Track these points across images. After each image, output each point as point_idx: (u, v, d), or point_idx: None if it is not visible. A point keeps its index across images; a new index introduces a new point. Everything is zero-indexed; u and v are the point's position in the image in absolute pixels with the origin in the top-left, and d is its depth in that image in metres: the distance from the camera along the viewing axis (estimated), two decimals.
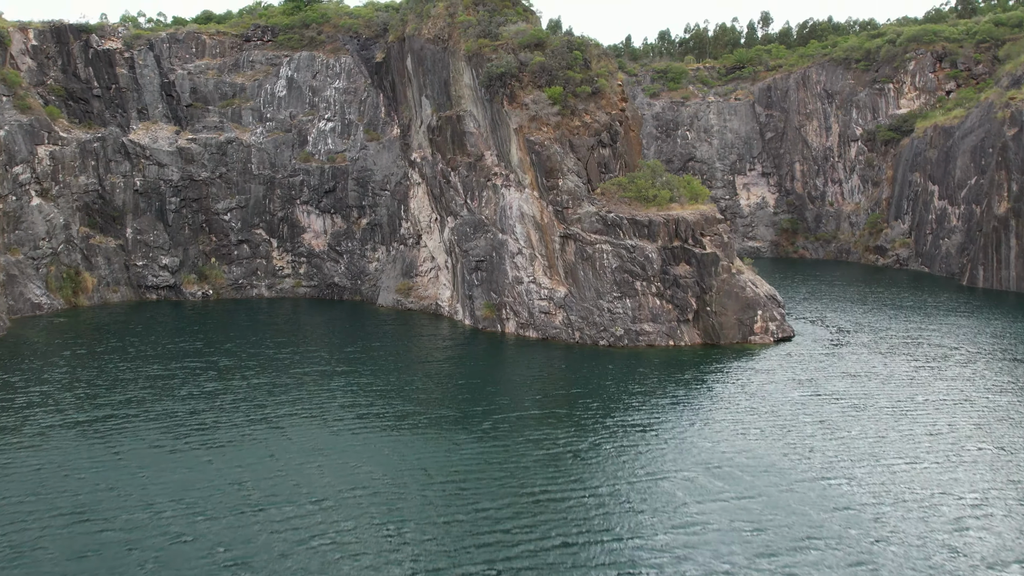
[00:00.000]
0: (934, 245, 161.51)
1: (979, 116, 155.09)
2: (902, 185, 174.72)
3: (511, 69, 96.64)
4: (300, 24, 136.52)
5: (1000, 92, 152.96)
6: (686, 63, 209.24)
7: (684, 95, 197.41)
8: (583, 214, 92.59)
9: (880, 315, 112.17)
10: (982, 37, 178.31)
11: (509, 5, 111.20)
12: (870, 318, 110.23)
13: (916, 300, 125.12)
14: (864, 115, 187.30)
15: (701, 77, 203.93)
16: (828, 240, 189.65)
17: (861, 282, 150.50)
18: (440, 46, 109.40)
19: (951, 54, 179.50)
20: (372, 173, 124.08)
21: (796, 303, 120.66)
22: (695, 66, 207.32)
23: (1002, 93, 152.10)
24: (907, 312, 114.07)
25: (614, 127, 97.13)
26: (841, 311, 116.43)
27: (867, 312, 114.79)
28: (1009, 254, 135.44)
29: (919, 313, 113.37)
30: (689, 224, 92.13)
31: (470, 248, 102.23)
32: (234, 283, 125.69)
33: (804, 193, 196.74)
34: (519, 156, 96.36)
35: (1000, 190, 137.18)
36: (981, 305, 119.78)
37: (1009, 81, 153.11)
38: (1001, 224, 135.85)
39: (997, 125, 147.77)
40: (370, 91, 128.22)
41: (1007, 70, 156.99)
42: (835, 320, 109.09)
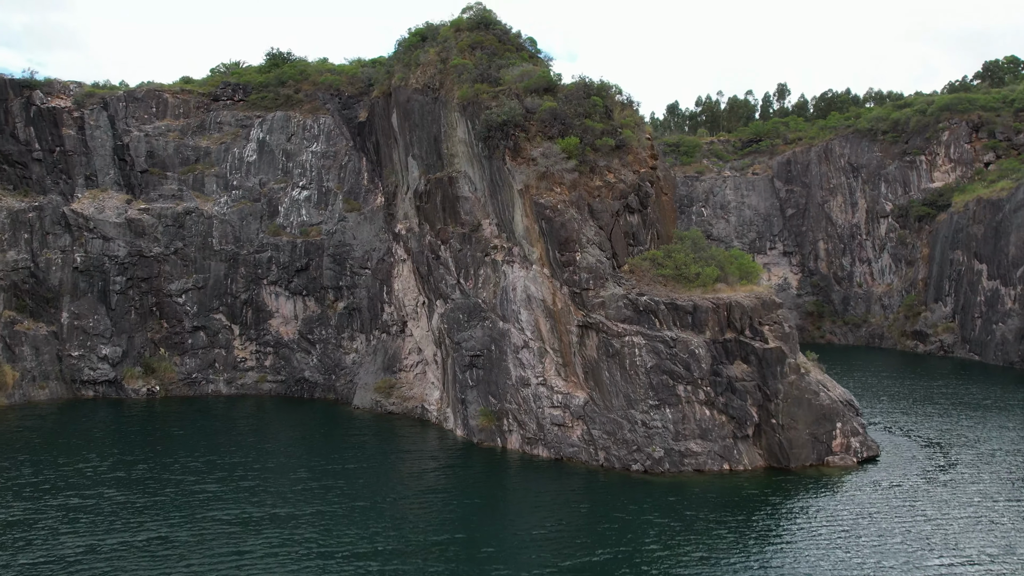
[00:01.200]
0: (985, 330, 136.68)
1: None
2: (941, 264, 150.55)
3: (515, 117, 73.20)
4: (275, 82, 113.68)
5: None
6: (699, 136, 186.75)
7: (698, 169, 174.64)
8: (608, 297, 68.21)
9: (965, 419, 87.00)
10: (1020, 105, 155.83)
11: (512, 49, 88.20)
12: (955, 423, 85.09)
13: (994, 398, 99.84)
14: (894, 189, 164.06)
15: (715, 151, 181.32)
16: (858, 324, 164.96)
17: (913, 374, 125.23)
18: (430, 96, 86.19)
19: (988, 123, 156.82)
20: (351, 248, 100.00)
21: None
22: (708, 139, 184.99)
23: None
24: (995, 415, 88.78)
25: (643, 189, 73.26)
26: (913, 413, 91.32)
27: (946, 415, 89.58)
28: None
29: (1010, 416, 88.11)
30: (745, 310, 67.61)
31: (463, 340, 77.56)
32: (187, 378, 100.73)
33: (829, 273, 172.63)
34: (525, 224, 72.40)
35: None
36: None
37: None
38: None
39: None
40: (352, 155, 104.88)
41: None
42: (914, 427, 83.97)
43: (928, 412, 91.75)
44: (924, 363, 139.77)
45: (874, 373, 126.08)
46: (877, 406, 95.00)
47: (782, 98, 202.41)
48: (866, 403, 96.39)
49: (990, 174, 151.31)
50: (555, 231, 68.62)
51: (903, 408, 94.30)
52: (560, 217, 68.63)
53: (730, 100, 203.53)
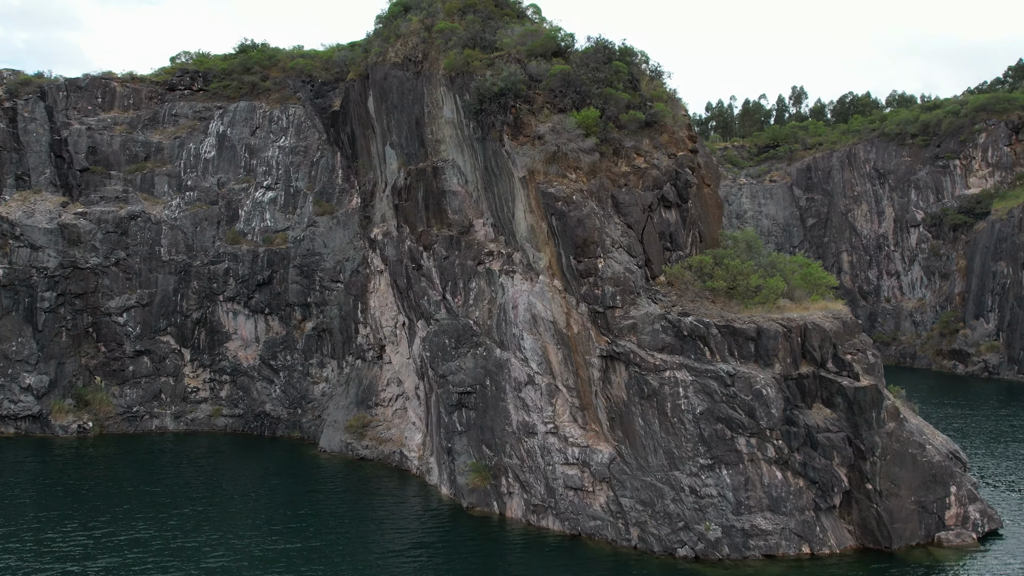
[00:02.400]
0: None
1: None
2: (982, 277, 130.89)
3: (516, 84, 53.79)
4: (240, 68, 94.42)
5: None
6: (712, 142, 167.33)
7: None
8: (640, 318, 48.59)
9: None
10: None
11: (511, 15, 68.92)
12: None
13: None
14: (925, 197, 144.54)
15: (730, 157, 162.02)
16: (887, 342, 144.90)
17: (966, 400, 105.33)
18: (411, 71, 66.87)
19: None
20: (321, 258, 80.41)
21: None
22: (722, 145, 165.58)
23: None
24: None
25: (682, 177, 53.74)
26: (1003, 456, 71.70)
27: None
28: None
29: None
30: (826, 335, 47.99)
31: (449, 372, 57.85)
32: (126, 412, 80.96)
33: (855, 287, 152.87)
34: (529, 222, 52.88)
35: None
36: None
37: None
38: None
39: None
40: (325, 150, 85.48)
41: None
42: (1018, 478, 64.43)
43: (1017, 454, 72.21)
44: (969, 386, 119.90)
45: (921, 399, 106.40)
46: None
47: (798, 102, 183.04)
48: None
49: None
50: (569, 230, 48.99)
51: (987, 448, 74.62)
52: (576, 211, 49.03)
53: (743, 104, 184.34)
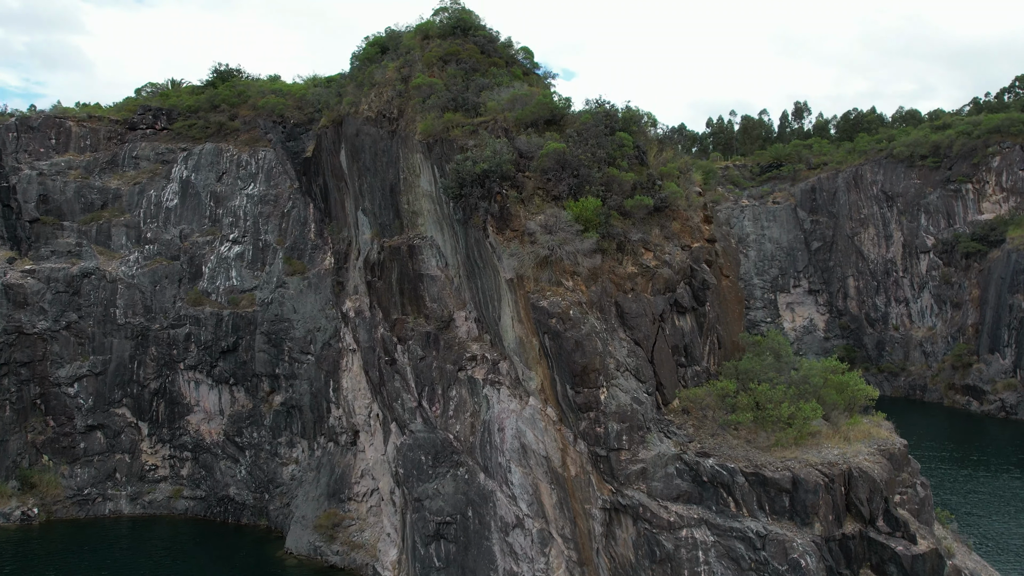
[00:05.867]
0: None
1: None
2: (997, 309, 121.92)
3: (502, 165, 44.45)
4: (207, 105, 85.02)
5: None
6: (712, 160, 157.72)
7: (713, 198, 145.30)
8: (651, 461, 39.41)
9: None
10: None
11: (499, 63, 59.46)
12: None
13: None
14: (936, 221, 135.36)
15: (731, 177, 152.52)
16: (895, 373, 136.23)
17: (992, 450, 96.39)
18: (385, 129, 57.51)
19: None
20: (291, 325, 71.15)
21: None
22: (723, 164, 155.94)
23: None
24: None
25: (698, 274, 44.53)
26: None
27: None
28: None
29: None
30: (875, 485, 38.77)
31: (426, 495, 48.64)
32: (77, 494, 71.89)
33: (861, 314, 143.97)
34: (518, 333, 43.63)
35: None
36: None
37: None
38: None
39: None
40: (296, 199, 76.20)
41: None
42: None
43: None
44: (987, 428, 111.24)
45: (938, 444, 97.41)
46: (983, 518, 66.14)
47: (800, 118, 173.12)
48: (972, 517, 67.75)
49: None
50: (566, 354, 39.76)
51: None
52: (574, 331, 39.76)
53: (743, 120, 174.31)
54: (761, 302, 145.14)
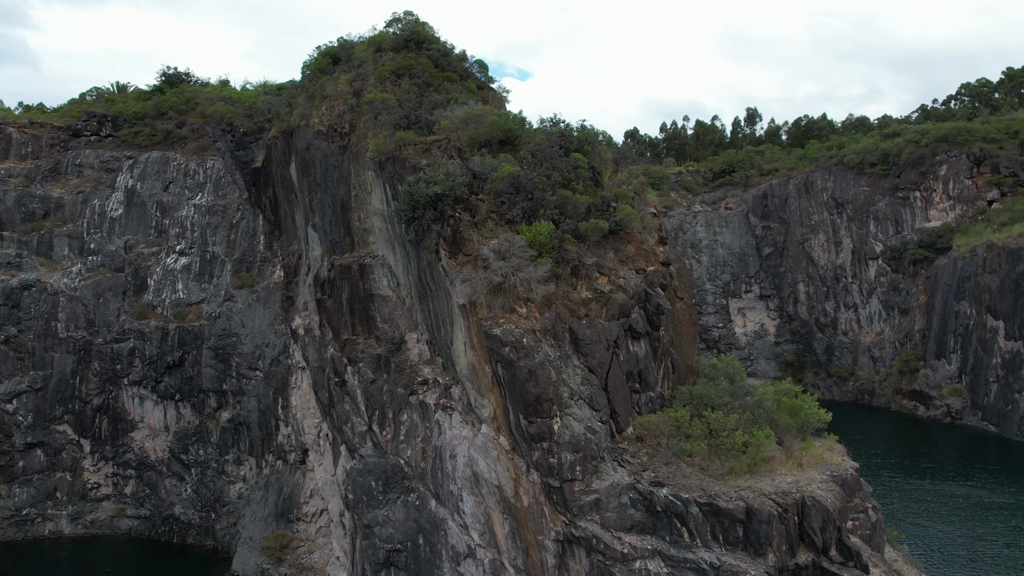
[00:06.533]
0: (1004, 398, 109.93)
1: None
2: (944, 315, 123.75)
3: (456, 187, 43.63)
4: (154, 112, 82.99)
5: None
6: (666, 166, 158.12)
7: (666, 203, 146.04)
8: (604, 491, 38.90)
9: None
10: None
11: (453, 77, 58.63)
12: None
13: None
14: (884, 228, 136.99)
15: (684, 182, 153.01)
16: (844, 377, 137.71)
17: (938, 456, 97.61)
18: (337, 144, 56.41)
19: (991, 156, 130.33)
20: (239, 340, 69.68)
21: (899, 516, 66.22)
22: (677, 169, 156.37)
23: None
24: None
25: (653, 298, 44.13)
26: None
27: None
28: None
29: None
30: (828, 515, 38.65)
31: (376, 522, 47.68)
32: (16, 515, 69.71)
33: (811, 319, 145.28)
34: (471, 359, 42.90)
35: None
36: None
37: None
38: None
39: None
40: (246, 210, 74.65)
41: None
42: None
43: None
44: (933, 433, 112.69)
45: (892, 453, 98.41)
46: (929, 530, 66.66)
47: (752, 124, 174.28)
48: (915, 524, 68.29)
49: (997, 214, 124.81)
50: (519, 384, 39.07)
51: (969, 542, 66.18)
52: (527, 360, 39.09)
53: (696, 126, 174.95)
54: (713, 307, 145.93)
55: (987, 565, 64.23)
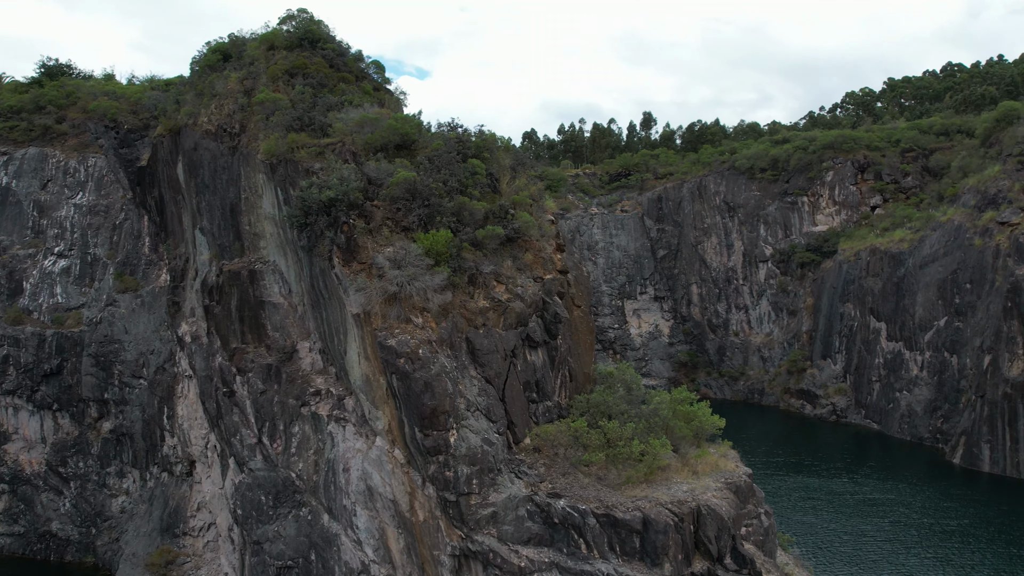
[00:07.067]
0: (885, 397, 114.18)
1: (943, 242, 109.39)
2: (830, 317, 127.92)
3: (350, 193, 42.34)
4: (31, 106, 78.78)
5: (970, 213, 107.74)
6: (563, 168, 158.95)
7: (564, 206, 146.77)
8: (501, 504, 38.27)
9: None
10: (907, 145, 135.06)
11: (349, 78, 57.20)
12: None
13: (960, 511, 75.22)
14: (774, 232, 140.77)
15: (581, 185, 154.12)
16: (735, 377, 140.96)
17: (824, 454, 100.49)
18: (226, 144, 54.36)
19: (874, 164, 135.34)
20: (122, 347, 66.62)
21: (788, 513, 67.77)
22: (574, 172, 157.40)
23: (974, 214, 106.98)
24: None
25: (551, 308, 43.76)
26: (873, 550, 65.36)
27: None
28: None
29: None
30: (723, 523, 38.89)
31: (266, 538, 46.05)
32: None
33: (703, 320, 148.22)
34: (365, 370, 41.70)
35: (1013, 346, 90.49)
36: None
37: (978, 199, 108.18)
38: (1017, 391, 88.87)
39: (976, 255, 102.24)
40: (130, 211, 71.49)
41: (971, 185, 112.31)
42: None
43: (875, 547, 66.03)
44: (819, 431, 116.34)
45: (781, 452, 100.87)
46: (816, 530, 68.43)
47: (648, 127, 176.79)
48: (802, 521, 69.99)
49: (880, 220, 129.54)
50: (414, 395, 38.09)
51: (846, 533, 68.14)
52: (423, 371, 38.14)
53: (593, 129, 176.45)
54: (609, 309, 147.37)
55: (869, 561, 66.14)
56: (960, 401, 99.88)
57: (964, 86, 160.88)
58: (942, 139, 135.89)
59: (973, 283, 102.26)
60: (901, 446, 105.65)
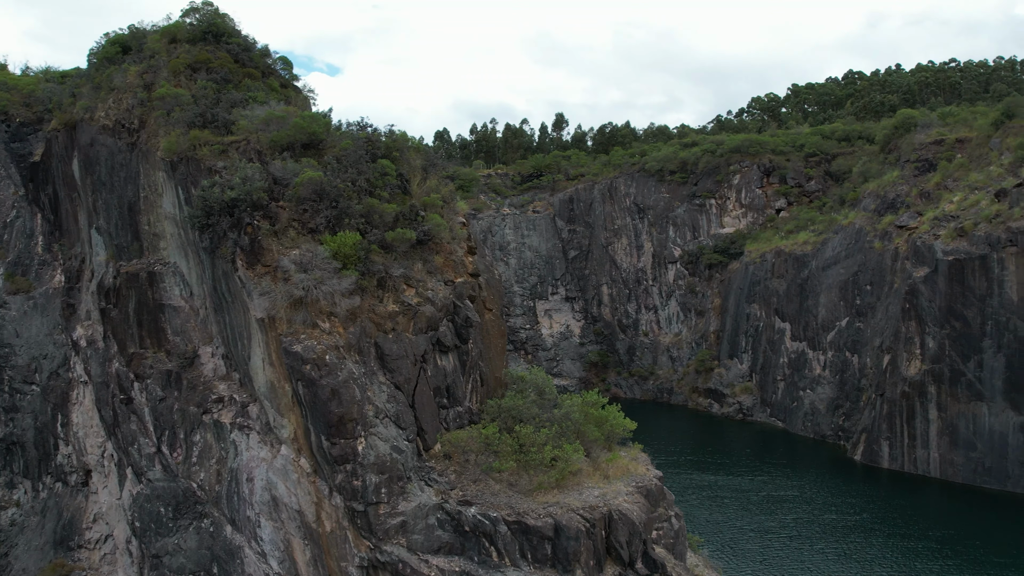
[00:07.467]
0: (790, 396, 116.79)
1: (845, 245, 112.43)
2: (736, 317, 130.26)
3: (254, 192, 40.86)
4: None
5: (870, 217, 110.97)
6: (476, 168, 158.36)
7: (476, 206, 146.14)
8: (411, 512, 37.41)
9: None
10: (811, 150, 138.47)
11: (255, 74, 55.41)
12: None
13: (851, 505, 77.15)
14: (683, 234, 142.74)
15: (493, 185, 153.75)
16: (645, 377, 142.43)
17: (730, 451, 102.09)
18: (124, 141, 52.06)
19: (779, 168, 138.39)
20: (12, 351, 63.27)
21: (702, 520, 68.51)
22: (486, 172, 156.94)
23: (874, 218, 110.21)
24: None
25: (462, 311, 43.04)
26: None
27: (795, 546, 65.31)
28: (928, 429, 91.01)
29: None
30: (634, 528, 38.76)
31: (165, 551, 44.19)
32: None
33: (614, 321, 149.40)
34: (269, 377, 40.31)
35: (910, 346, 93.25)
36: (935, 508, 72.67)
37: (878, 204, 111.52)
38: (915, 390, 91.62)
39: (875, 257, 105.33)
40: (22, 208, 67.94)
41: (871, 190, 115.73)
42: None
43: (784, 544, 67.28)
44: (726, 429, 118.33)
45: (689, 450, 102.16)
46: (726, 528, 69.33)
47: (559, 129, 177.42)
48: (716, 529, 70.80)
49: (784, 222, 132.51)
50: (321, 403, 36.92)
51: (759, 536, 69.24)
52: (330, 378, 36.99)
53: (506, 129, 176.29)
54: (521, 309, 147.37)
55: (775, 558, 67.25)
56: (861, 399, 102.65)
57: (864, 93, 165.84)
58: (844, 144, 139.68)
59: (873, 285, 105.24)
60: (805, 443, 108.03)
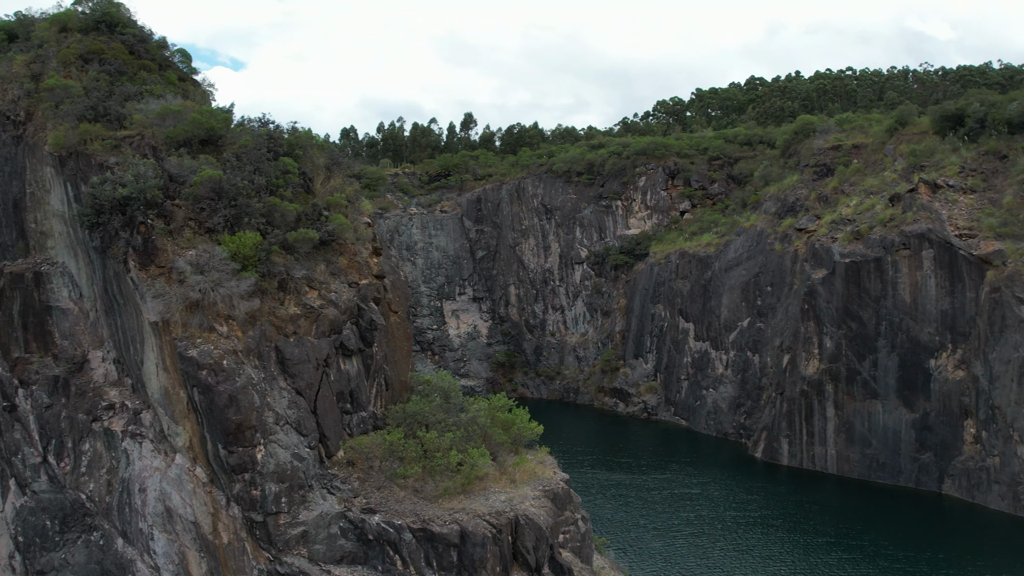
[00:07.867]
0: (693, 395, 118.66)
1: (747, 247, 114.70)
2: (641, 318, 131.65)
3: (148, 190, 39.04)
4: None
5: (771, 220, 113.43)
6: (383, 167, 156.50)
7: (382, 205, 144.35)
8: (312, 522, 36.25)
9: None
10: (714, 153, 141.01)
11: (151, 67, 53.16)
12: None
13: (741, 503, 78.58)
14: (590, 235, 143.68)
15: (401, 184, 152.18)
16: (551, 376, 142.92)
17: (635, 450, 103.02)
18: (10, 134, 49.33)
19: (683, 170, 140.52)
20: None
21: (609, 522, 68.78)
22: (393, 171, 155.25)
23: (774, 221, 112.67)
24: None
25: (366, 315, 42.00)
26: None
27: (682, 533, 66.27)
28: (825, 427, 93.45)
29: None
30: (540, 533, 38.38)
31: (51, 567, 41.89)
32: None
33: (521, 321, 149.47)
34: (163, 383, 38.58)
35: (809, 345, 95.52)
36: (825, 502, 74.62)
37: (778, 207, 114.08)
38: (813, 389, 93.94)
39: (776, 259, 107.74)
40: None
41: (772, 193, 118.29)
42: None
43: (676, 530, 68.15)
44: (631, 428, 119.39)
45: (594, 450, 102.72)
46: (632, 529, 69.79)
47: (468, 128, 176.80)
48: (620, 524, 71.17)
49: (688, 224, 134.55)
50: (218, 409, 35.46)
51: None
52: (227, 384, 35.56)
53: (413, 128, 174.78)
54: (428, 309, 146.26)
55: (679, 555, 67.92)
56: (761, 398, 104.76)
57: (765, 99, 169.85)
58: (746, 148, 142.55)
59: (773, 286, 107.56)
60: (707, 442, 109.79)
